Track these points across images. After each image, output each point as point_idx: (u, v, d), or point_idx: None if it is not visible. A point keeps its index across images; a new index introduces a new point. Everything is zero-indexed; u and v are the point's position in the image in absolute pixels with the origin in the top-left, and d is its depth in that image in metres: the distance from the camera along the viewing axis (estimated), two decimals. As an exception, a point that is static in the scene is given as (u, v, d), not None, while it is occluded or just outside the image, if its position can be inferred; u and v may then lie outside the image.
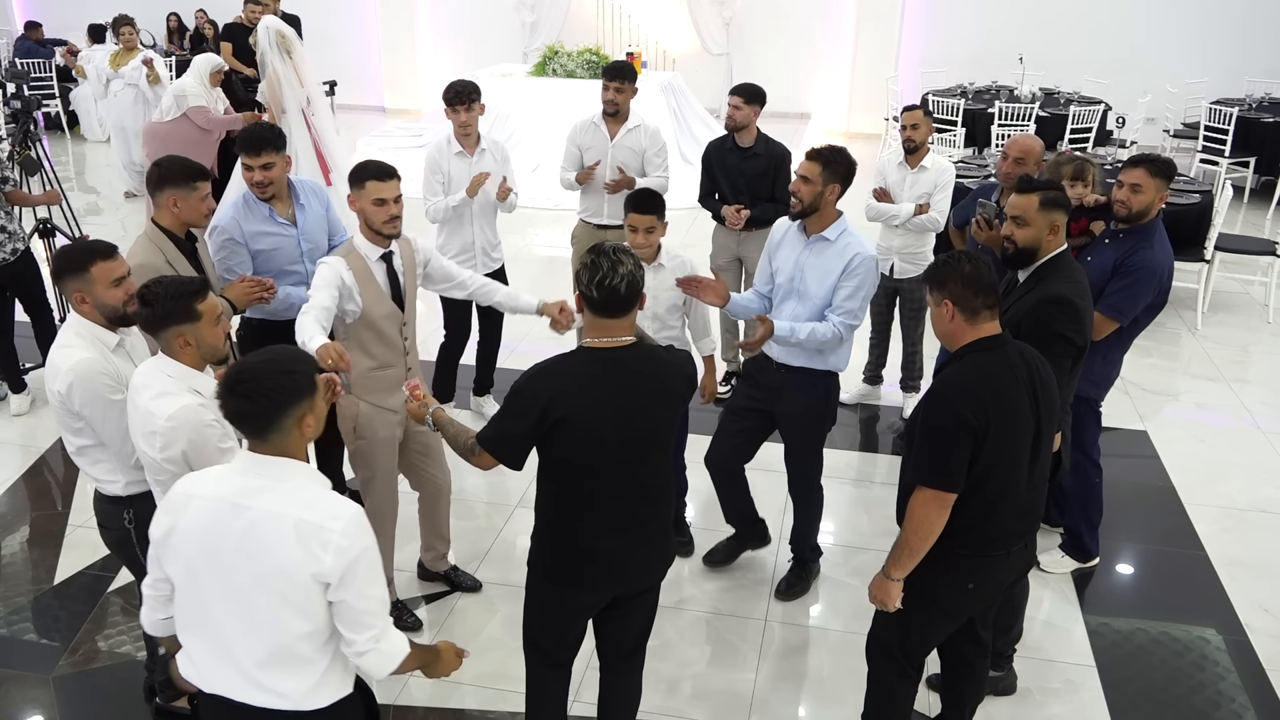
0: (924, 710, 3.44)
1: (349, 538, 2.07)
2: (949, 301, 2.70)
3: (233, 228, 3.81)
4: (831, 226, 3.66)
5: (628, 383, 2.60)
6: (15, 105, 6.13)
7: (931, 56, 12.54)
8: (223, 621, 2.14)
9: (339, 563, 2.06)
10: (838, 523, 4.66)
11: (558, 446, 2.59)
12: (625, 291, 2.55)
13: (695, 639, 3.88)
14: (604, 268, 2.55)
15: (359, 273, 3.41)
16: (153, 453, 2.63)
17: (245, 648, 2.14)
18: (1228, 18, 11.84)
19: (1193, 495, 4.90)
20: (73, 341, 2.88)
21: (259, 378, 2.08)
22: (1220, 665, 3.79)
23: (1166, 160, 3.87)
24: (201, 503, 2.13)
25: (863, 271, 3.60)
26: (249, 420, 2.10)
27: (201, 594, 2.15)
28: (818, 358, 3.74)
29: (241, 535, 2.08)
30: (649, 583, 2.86)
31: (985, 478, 2.67)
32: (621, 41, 13.29)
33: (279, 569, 2.06)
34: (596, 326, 2.62)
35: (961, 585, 2.84)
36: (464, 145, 4.96)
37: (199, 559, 2.13)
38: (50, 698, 3.55)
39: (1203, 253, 6.91)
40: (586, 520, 2.67)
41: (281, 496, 2.09)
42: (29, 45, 12.56)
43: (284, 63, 7.11)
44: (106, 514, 3.08)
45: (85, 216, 8.70)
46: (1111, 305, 3.75)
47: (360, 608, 2.11)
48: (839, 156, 3.61)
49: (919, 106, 5.25)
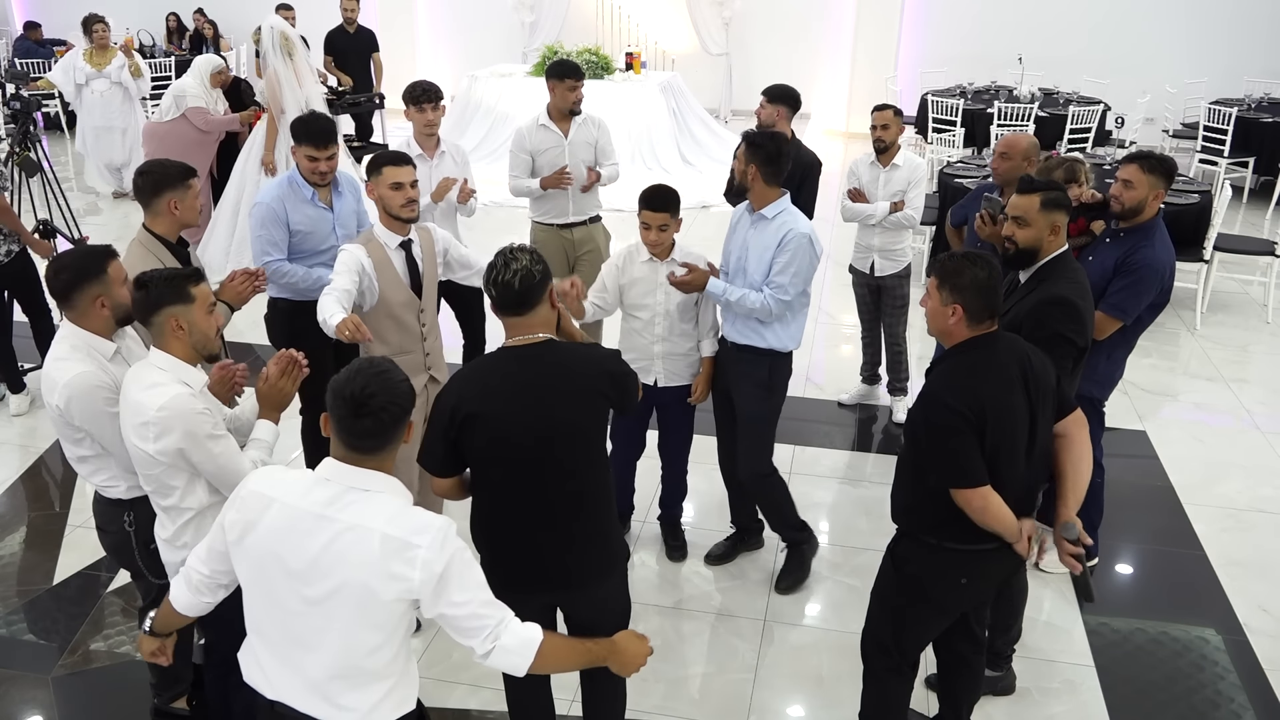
0: (922, 710, 3.44)
1: (434, 551, 2.03)
2: (959, 306, 2.69)
3: (276, 205, 4.09)
4: (770, 205, 3.74)
5: (539, 380, 2.58)
6: (15, 106, 6.12)
7: (931, 56, 12.54)
8: (295, 632, 2.11)
9: (428, 576, 2.02)
10: (837, 523, 4.66)
11: (469, 445, 2.58)
12: (519, 288, 2.56)
13: (695, 639, 3.89)
14: (497, 265, 2.59)
15: (378, 260, 3.51)
16: (145, 445, 2.61)
17: (315, 660, 2.10)
18: (1227, 18, 11.84)
19: (1192, 495, 4.90)
20: (67, 354, 2.83)
21: (383, 390, 2.06)
22: (1219, 665, 3.79)
23: (1162, 157, 3.86)
24: (282, 509, 2.09)
25: (794, 247, 3.67)
26: (380, 435, 2.08)
27: (275, 602, 2.12)
28: (759, 334, 3.81)
29: (324, 547, 2.04)
30: (589, 588, 2.76)
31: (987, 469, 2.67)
32: (621, 41, 13.30)
33: (361, 583, 2.02)
34: (507, 326, 2.64)
35: (954, 580, 2.85)
36: (424, 148, 4.88)
37: (275, 566, 2.09)
38: (49, 698, 3.55)
39: (1202, 253, 6.92)
40: (508, 520, 2.65)
41: (367, 510, 2.06)
42: (28, 45, 12.56)
43: (285, 64, 7.11)
44: (106, 516, 3.06)
45: (85, 217, 8.70)
46: (1114, 304, 3.74)
47: (462, 613, 2.09)
48: (762, 140, 3.73)
49: (889, 106, 5.25)
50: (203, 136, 7.41)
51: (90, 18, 9.21)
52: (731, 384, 3.95)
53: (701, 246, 4.09)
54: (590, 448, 2.70)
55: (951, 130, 9.64)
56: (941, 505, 2.71)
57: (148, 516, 2.89)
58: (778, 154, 3.71)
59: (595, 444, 2.72)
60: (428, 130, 4.86)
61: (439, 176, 4.88)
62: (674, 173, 10.30)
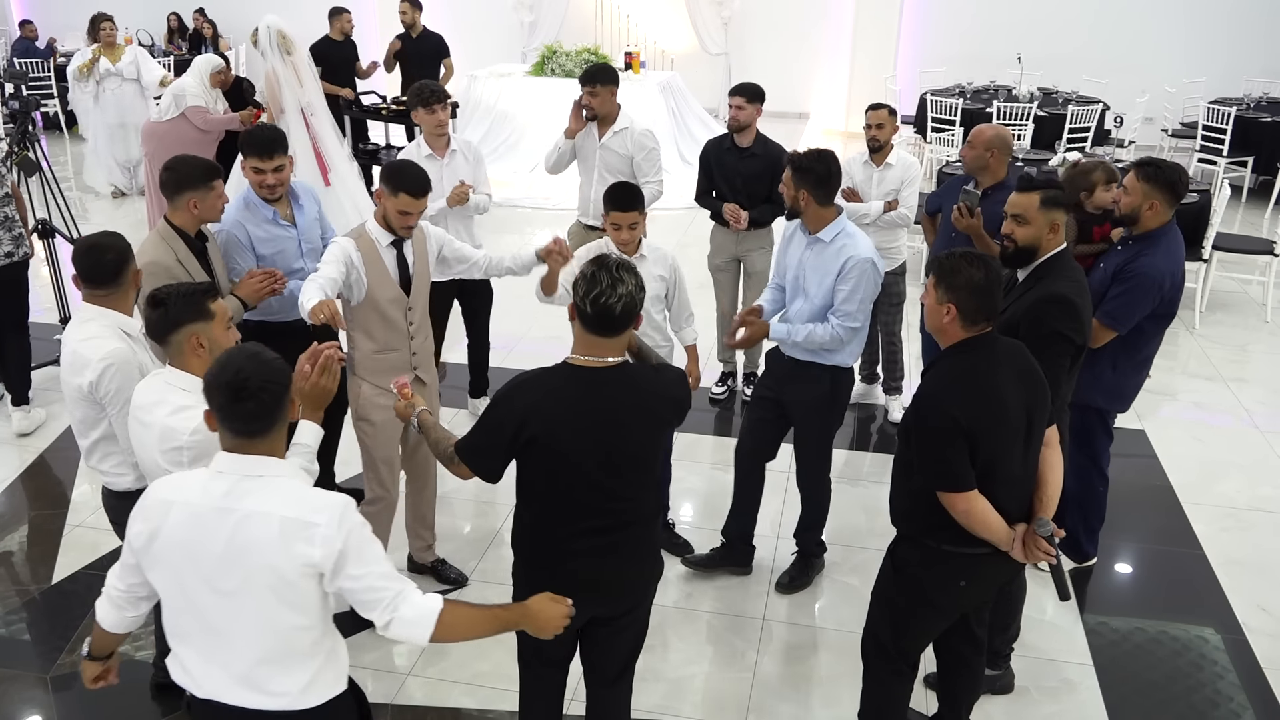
0: (921, 709, 3.44)
1: (333, 527, 2.06)
2: (953, 306, 2.69)
3: (237, 230, 3.82)
4: (827, 228, 3.68)
5: (608, 407, 2.52)
6: (13, 105, 6.12)
7: (930, 56, 12.54)
8: (215, 626, 2.13)
9: (327, 552, 2.05)
10: (836, 522, 4.65)
11: (529, 466, 2.55)
12: (620, 313, 2.47)
13: (695, 639, 3.89)
14: (602, 284, 2.46)
15: (367, 254, 3.48)
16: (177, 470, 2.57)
17: (239, 650, 2.13)
18: (1226, 17, 11.84)
19: (1191, 495, 4.90)
20: (100, 332, 2.91)
21: (258, 372, 2.07)
22: (1218, 664, 3.79)
23: (1165, 167, 3.76)
24: (183, 509, 2.11)
25: (857, 274, 3.63)
26: (264, 417, 2.09)
27: (191, 601, 2.13)
28: (822, 353, 3.78)
29: (229, 538, 2.06)
30: (630, 603, 2.77)
31: (981, 474, 2.67)
32: (620, 41, 13.29)
33: (269, 566, 2.05)
34: (584, 342, 2.53)
35: (953, 583, 2.85)
36: (434, 148, 4.90)
37: (186, 566, 2.11)
38: (48, 697, 3.55)
39: (1201, 252, 6.92)
40: (560, 540, 2.61)
41: (266, 495, 2.08)
42: (26, 45, 12.56)
43: (284, 63, 7.10)
44: (117, 510, 3.07)
45: (82, 217, 8.70)
46: (1107, 312, 3.72)
47: (359, 587, 2.10)
48: (808, 163, 3.63)
49: (884, 106, 5.26)
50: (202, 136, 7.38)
51: (98, 16, 9.24)
52: (790, 399, 3.91)
53: (699, 246, 4.10)
54: (649, 472, 2.69)
55: (951, 130, 9.65)
56: (939, 508, 2.71)
57: None
58: (828, 175, 3.63)
59: (654, 467, 2.71)
60: (438, 130, 4.88)
61: (450, 175, 4.91)
62: (673, 173, 10.26)
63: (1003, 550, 2.75)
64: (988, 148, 4.36)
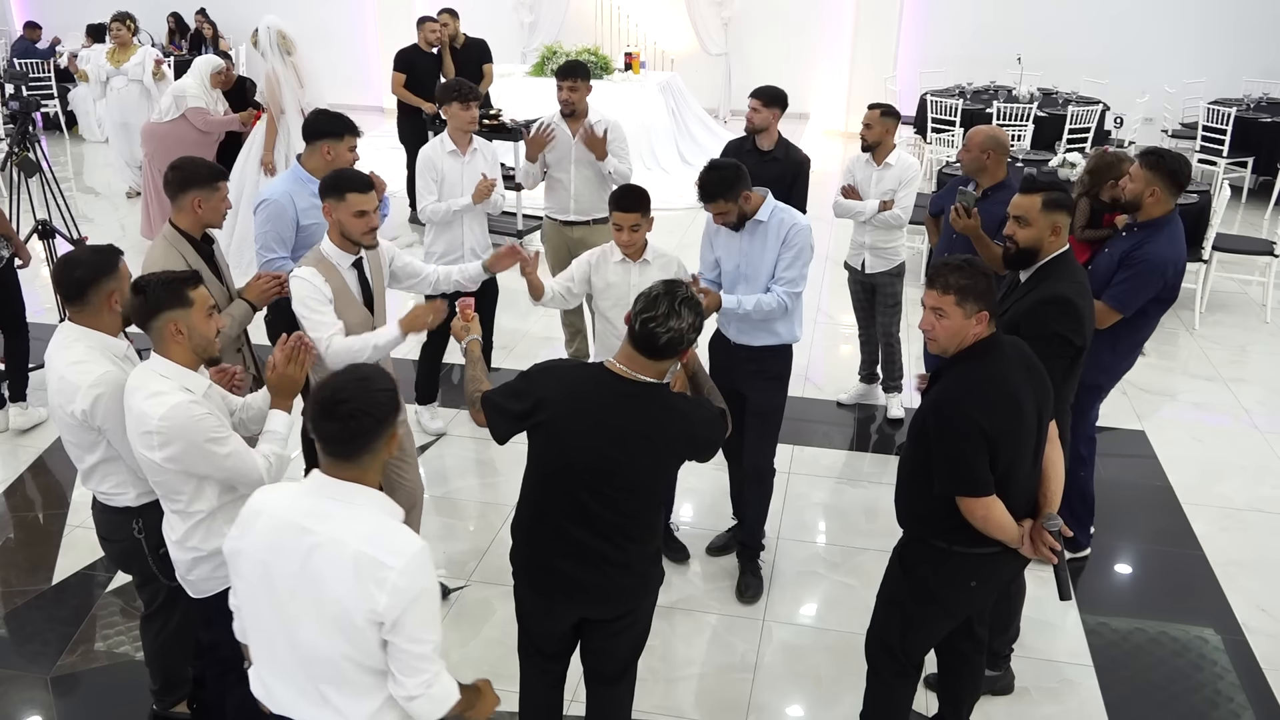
0: (922, 710, 3.44)
1: (407, 578, 2.00)
2: (985, 312, 2.66)
3: (285, 200, 4.01)
4: (761, 209, 3.74)
5: (623, 420, 2.53)
6: (14, 106, 6.12)
7: (930, 56, 12.54)
8: (287, 642, 2.11)
9: (394, 604, 1.99)
10: (836, 522, 4.66)
11: (535, 448, 2.61)
12: (663, 344, 2.50)
13: (694, 639, 3.89)
14: (659, 310, 2.49)
15: (334, 284, 3.37)
16: (150, 454, 2.61)
17: (309, 672, 2.10)
18: (1226, 18, 11.84)
19: (1190, 495, 4.90)
20: (86, 356, 2.82)
21: (357, 397, 2.04)
22: (1218, 665, 3.79)
23: (1168, 156, 3.87)
24: (268, 521, 2.10)
25: (799, 241, 3.72)
26: (348, 441, 2.05)
27: (267, 614, 2.12)
28: (769, 334, 3.84)
29: (304, 559, 2.03)
30: (619, 610, 2.75)
31: (1000, 477, 2.67)
32: (620, 42, 13.30)
33: (335, 598, 2.02)
34: (627, 353, 2.57)
35: (963, 584, 2.85)
36: (459, 144, 4.98)
37: (262, 580, 2.10)
38: (48, 698, 3.55)
39: (1200, 253, 6.92)
40: (549, 533, 2.64)
41: (346, 524, 2.04)
42: (27, 45, 12.57)
43: (284, 63, 7.11)
44: (111, 526, 3.03)
45: (83, 217, 8.70)
46: (1113, 295, 3.83)
47: (413, 651, 2.04)
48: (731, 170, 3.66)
49: (877, 106, 5.25)
50: (202, 137, 7.41)
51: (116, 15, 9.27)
52: (742, 381, 3.92)
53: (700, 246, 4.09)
54: (649, 496, 2.65)
55: (951, 130, 9.65)
56: (951, 510, 2.71)
57: (156, 521, 2.88)
58: (740, 171, 3.68)
59: (655, 494, 2.68)
60: (469, 127, 4.95)
61: (471, 172, 4.98)
62: (673, 173, 10.31)
63: (1012, 548, 2.75)
64: (983, 150, 4.37)
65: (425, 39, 8.24)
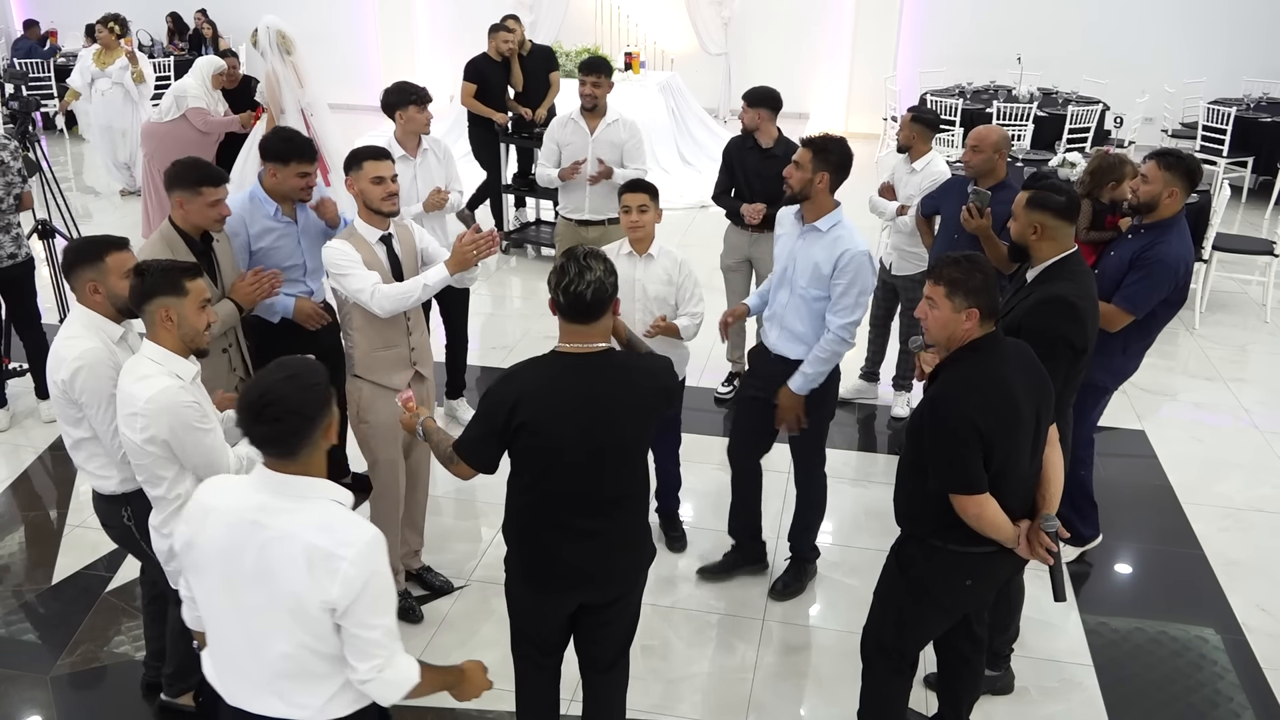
0: (921, 709, 3.44)
1: (357, 566, 2.02)
2: (976, 310, 2.67)
3: (235, 223, 3.83)
4: (825, 217, 3.61)
5: (596, 392, 2.56)
6: (14, 106, 6.12)
7: (930, 56, 12.53)
8: (241, 635, 2.13)
9: (345, 592, 2.02)
10: (836, 522, 4.66)
11: (519, 451, 2.59)
12: (591, 299, 2.51)
13: (694, 639, 3.89)
14: (570, 273, 2.52)
15: (365, 255, 3.48)
16: (133, 435, 2.67)
17: (263, 662, 2.12)
18: (1225, 17, 11.84)
19: (1190, 495, 4.90)
20: (79, 332, 2.93)
21: (284, 397, 2.03)
22: (1218, 664, 3.79)
23: (1183, 156, 3.88)
24: (219, 517, 2.11)
25: (853, 269, 3.56)
26: (281, 442, 2.06)
27: (221, 608, 2.15)
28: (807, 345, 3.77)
29: (257, 554, 2.05)
30: (619, 590, 2.79)
31: (994, 476, 2.67)
32: (620, 41, 13.29)
33: (290, 592, 2.04)
34: (567, 331, 2.59)
35: (959, 583, 2.85)
36: (407, 147, 4.81)
37: (217, 574, 2.12)
38: (48, 697, 3.55)
39: (1201, 252, 6.92)
40: (548, 526, 2.65)
41: (298, 517, 2.06)
42: (28, 45, 12.56)
43: (284, 63, 7.10)
44: (106, 513, 3.10)
45: (83, 217, 8.69)
46: (1126, 297, 3.79)
47: (365, 637, 2.07)
48: (832, 145, 3.57)
49: (913, 109, 5.30)
50: (202, 137, 7.40)
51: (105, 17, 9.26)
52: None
53: (701, 246, 4.10)
54: (637, 459, 2.73)
55: (951, 130, 9.65)
56: (946, 508, 2.71)
57: (144, 508, 2.93)
58: (848, 161, 3.59)
59: (642, 455, 2.75)
60: (423, 129, 4.84)
61: (424, 175, 4.89)
62: (673, 173, 10.31)
63: (1008, 548, 2.76)
64: (996, 149, 4.36)
65: (496, 48, 7.83)
